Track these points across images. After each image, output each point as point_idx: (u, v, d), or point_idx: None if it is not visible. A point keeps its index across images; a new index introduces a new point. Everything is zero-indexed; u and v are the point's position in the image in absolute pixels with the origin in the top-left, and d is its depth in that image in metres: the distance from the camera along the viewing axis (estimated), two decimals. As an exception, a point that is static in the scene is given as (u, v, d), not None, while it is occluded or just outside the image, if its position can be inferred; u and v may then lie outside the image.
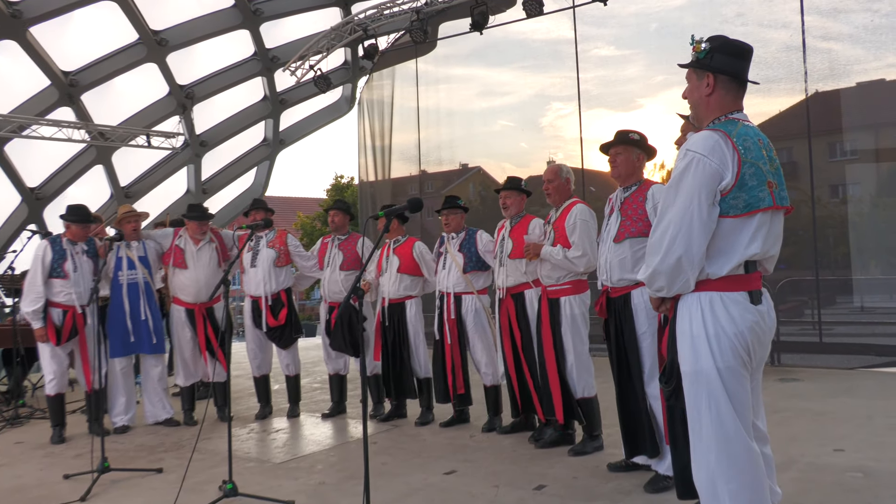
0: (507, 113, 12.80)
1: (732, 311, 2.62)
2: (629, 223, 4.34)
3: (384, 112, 12.93)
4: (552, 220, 5.17)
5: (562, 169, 5.21)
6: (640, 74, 10.83)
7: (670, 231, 2.62)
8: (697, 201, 2.58)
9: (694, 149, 2.63)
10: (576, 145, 10.62)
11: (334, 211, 6.80)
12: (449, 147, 12.51)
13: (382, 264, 6.40)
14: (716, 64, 2.75)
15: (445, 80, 12.44)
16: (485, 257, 5.93)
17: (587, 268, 4.94)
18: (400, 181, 13.23)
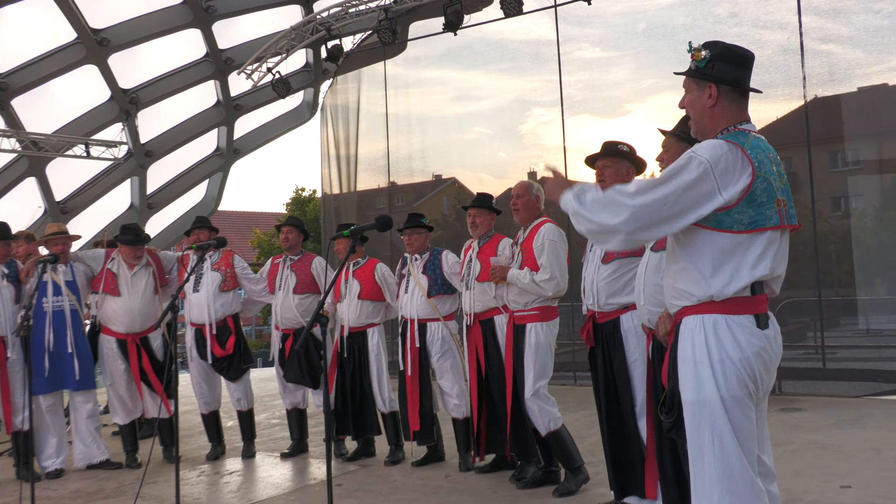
0: (483, 119, 12.85)
1: (738, 335, 2.64)
2: None
3: (349, 119, 12.94)
4: (520, 240, 5.21)
5: (532, 185, 5.27)
6: (627, 78, 10.91)
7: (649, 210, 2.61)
8: (685, 187, 2.59)
9: (699, 153, 2.65)
10: (559, 154, 10.70)
11: (287, 227, 6.78)
12: (421, 157, 12.54)
13: (341, 289, 6.40)
14: (718, 73, 2.79)
15: (416, 83, 12.48)
16: (451, 280, 5.96)
17: (556, 292, 4.99)
18: (367, 194, 13.21)
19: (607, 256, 4.36)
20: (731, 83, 2.78)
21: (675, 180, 2.61)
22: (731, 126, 2.78)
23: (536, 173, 11.88)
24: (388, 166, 12.48)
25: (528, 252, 5.07)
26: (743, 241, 2.65)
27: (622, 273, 4.33)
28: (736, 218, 2.62)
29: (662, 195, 2.61)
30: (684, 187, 2.60)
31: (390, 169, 12.49)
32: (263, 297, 6.87)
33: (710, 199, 2.61)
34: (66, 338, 6.24)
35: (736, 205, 2.61)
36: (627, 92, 10.93)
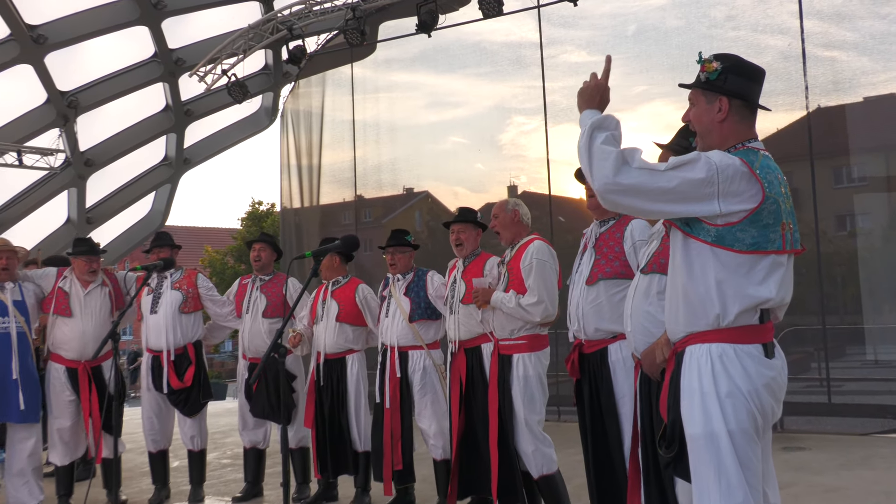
0: (460, 128, 12.91)
1: (748, 365, 2.73)
2: (604, 262, 4.39)
3: (312, 126, 12.92)
4: (506, 259, 5.23)
5: (507, 203, 5.31)
6: (615, 84, 10.93)
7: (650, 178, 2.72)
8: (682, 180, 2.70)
9: (710, 155, 2.76)
10: (541, 167, 10.76)
11: (260, 245, 6.76)
12: (390, 168, 12.56)
13: (318, 310, 6.37)
14: (730, 87, 2.89)
15: (386, 88, 12.51)
16: (436, 303, 5.96)
17: (544, 318, 4.99)
18: (331, 208, 13.19)
19: (592, 277, 4.39)
20: (742, 98, 2.88)
21: (680, 170, 2.73)
22: (740, 143, 2.87)
23: (517, 187, 11.95)
24: (354, 178, 12.47)
25: (514, 272, 5.08)
26: (744, 262, 2.74)
27: (610, 296, 4.35)
28: (738, 236, 2.72)
29: (666, 175, 2.72)
30: (687, 181, 2.70)
31: (357, 181, 12.48)
32: (230, 321, 6.83)
33: (704, 202, 2.72)
34: (10, 364, 5.98)
35: (738, 223, 2.71)
36: (616, 99, 10.80)
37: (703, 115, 2.93)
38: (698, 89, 2.95)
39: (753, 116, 2.93)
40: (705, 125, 2.93)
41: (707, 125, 2.92)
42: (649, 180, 2.71)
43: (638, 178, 2.72)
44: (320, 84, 12.82)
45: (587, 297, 4.39)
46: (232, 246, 31.78)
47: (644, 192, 2.71)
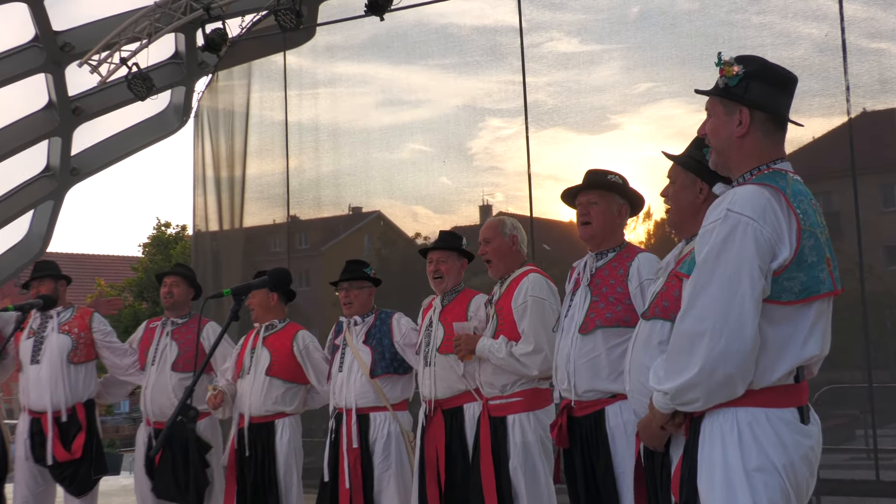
0: (420, 132, 12.88)
1: (783, 435, 2.79)
2: (603, 305, 4.41)
3: (235, 129, 12.90)
4: (495, 297, 5.26)
5: (504, 224, 5.34)
6: (614, 81, 11.01)
7: (710, 321, 2.78)
8: (749, 281, 2.76)
9: (740, 210, 2.80)
10: (521, 182, 10.76)
11: (172, 279, 6.79)
12: (333, 182, 12.55)
13: (244, 361, 6.35)
14: (752, 96, 2.96)
15: (329, 82, 12.50)
16: (404, 353, 5.97)
17: (543, 371, 4.99)
18: (257, 232, 13.14)
19: (587, 324, 4.41)
20: (768, 110, 2.94)
21: (727, 263, 2.78)
22: (764, 165, 2.94)
23: (492, 207, 11.96)
24: (287, 195, 12.42)
25: (505, 313, 5.11)
26: (791, 314, 2.82)
27: (609, 349, 4.37)
28: (785, 286, 2.79)
29: (725, 293, 2.77)
30: (748, 271, 2.76)
31: (290, 198, 12.43)
32: (132, 374, 6.82)
33: (768, 269, 2.79)
34: None
35: (785, 269, 2.78)
36: (614, 99, 10.95)
37: (720, 128, 3.01)
38: (716, 98, 3.01)
39: (781, 132, 3.00)
40: (723, 140, 3.01)
41: (725, 140, 3.00)
42: (713, 302, 2.78)
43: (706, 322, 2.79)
44: (245, 77, 12.81)
45: (581, 349, 4.42)
46: (131, 279, 31.53)
47: (729, 325, 2.76)
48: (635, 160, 10.63)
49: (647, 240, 11.33)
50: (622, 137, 11.04)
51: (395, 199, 13.10)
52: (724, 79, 2.99)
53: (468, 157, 12.33)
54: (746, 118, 2.94)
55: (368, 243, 14.12)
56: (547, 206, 10.79)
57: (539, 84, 10.71)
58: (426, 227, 12.17)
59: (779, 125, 2.98)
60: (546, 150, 10.67)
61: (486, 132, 12.09)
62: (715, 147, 3.04)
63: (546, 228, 11.33)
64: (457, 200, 12.30)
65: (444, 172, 12.50)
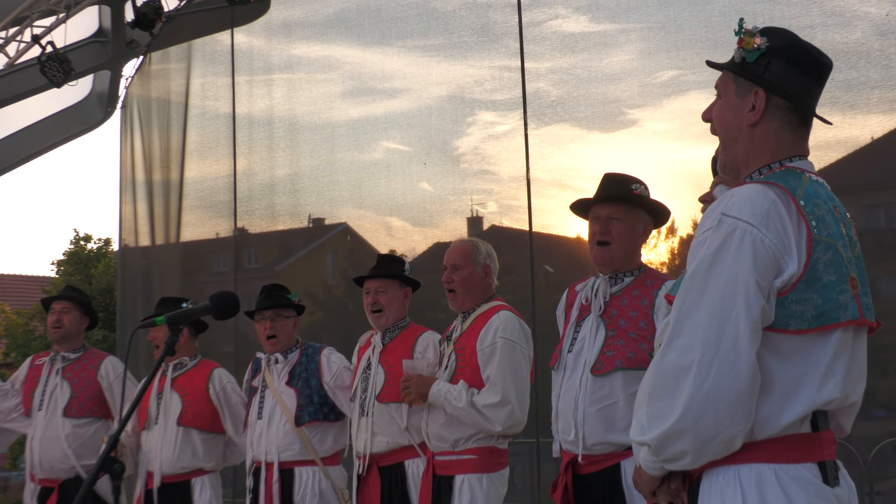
0: (396, 128, 12.85)
1: (795, 496, 2.67)
2: (623, 343, 4.43)
3: (171, 123, 12.94)
4: (455, 333, 5.31)
5: (477, 250, 5.41)
6: (631, 68, 10.99)
7: (697, 352, 2.67)
8: (745, 300, 2.66)
9: (737, 213, 2.72)
10: (519, 189, 10.71)
11: (61, 304, 6.84)
12: (289, 187, 12.58)
13: (150, 408, 6.39)
14: (771, 76, 2.89)
15: (285, 66, 12.53)
16: (335, 396, 6.05)
17: (508, 427, 5.05)
18: (198, 247, 13.21)
19: (604, 364, 4.42)
20: (789, 96, 2.88)
21: (718, 280, 2.69)
22: (777, 162, 2.88)
23: (483, 219, 11.94)
24: (234, 203, 12.45)
25: (467, 355, 5.14)
26: (802, 347, 2.72)
27: (629, 395, 4.35)
28: (794, 310, 2.70)
29: (716, 316, 2.67)
30: (743, 288, 2.66)
31: (238, 207, 12.45)
32: (14, 421, 6.82)
33: (770, 287, 2.69)
34: None
35: (793, 288, 2.70)
36: (632, 89, 10.93)
37: (728, 112, 2.96)
38: (728, 73, 2.97)
39: (804, 129, 2.94)
40: (730, 127, 2.96)
41: (732, 128, 2.95)
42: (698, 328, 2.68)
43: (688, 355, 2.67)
44: (184, 59, 12.86)
45: (593, 394, 4.44)
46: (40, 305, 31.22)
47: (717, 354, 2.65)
48: (656, 164, 10.52)
49: (669, 261, 11.29)
50: (640, 136, 11.00)
51: (365, 209, 13.08)
52: (741, 51, 2.93)
53: (454, 158, 12.28)
54: (762, 102, 2.89)
55: (332, 262, 14.09)
56: (549, 218, 10.73)
57: (540, 71, 10.72)
58: (403, 242, 12.16)
59: (801, 119, 2.92)
60: (549, 151, 10.64)
61: (476, 128, 12.08)
62: (721, 136, 2.99)
63: (548, 246, 11.21)
64: (440, 211, 12.31)
65: (425, 177, 12.48)
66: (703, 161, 4.12)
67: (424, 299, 6.46)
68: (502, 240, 11.16)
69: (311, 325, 11.64)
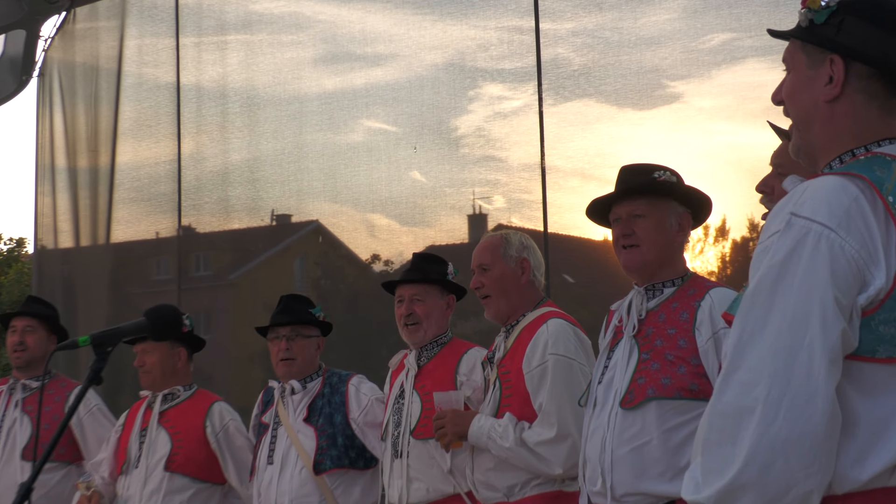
0: (380, 104, 12.84)
1: None
2: (658, 366, 4.47)
3: (100, 95, 12.94)
4: (498, 354, 5.31)
5: (508, 242, 5.44)
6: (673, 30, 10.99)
7: (762, 388, 2.63)
8: (821, 322, 2.63)
9: (809, 214, 2.70)
10: (531, 180, 10.85)
11: (24, 321, 6.89)
12: (247, 176, 12.60)
13: (129, 448, 6.45)
14: (847, 38, 2.86)
15: (242, 25, 12.56)
16: (365, 437, 6.06)
17: (571, 468, 4.99)
18: (133, 250, 13.23)
19: (635, 394, 4.45)
20: (871, 59, 2.85)
21: (787, 297, 2.65)
22: (862, 147, 2.85)
23: (488, 217, 11.88)
24: (178, 194, 12.45)
25: (513, 379, 5.15)
26: (893, 377, 2.68)
27: (665, 431, 4.42)
28: (882, 332, 2.65)
29: (785, 343, 2.62)
30: (819, 308, 2.62)
31: (183, 200, 12.46)
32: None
33: (853, 306, 2.65)
34: None
35: (880, 306, 2.66)
36: (673, 57, 10.86)
37: (800, 88, 2.96)
38: (796, 41, 2.97)
39: (895, 100, 2.89)
40: (804, 107, 2.95)
41: (807, 107, 2.94)
42: (766, 358, 2.63)
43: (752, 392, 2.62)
44: (116, 16, 12.82)
45: (622, 432, 4.47)
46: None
47: (789, 386, 2.59)
48: (704, 149, 10.62)
49: (720, 269, 11.27)
50: (684, 115, 11.00)
51: (341, 204, 13.03)
52: (807, 12, 2.92)
53: (452, 141, 12.30)
54: (840, 72, 2.85)
55: (301, 270, 14.05)
56: (569, 216, 10.71)
57: (560, 33, 10.73)
58: (388, 245, 12.26)
59: (891, 88, 2.87)
60: (569, 133, 10.66)
61: (479, 104, 12.07)
62: (794, 119, 2.98)
63: (568, 250, 11.24)
64: (435, 206, 12.30)
65: (417, 164, 12.50)
66: (761, 146, 4.15)
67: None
68: None
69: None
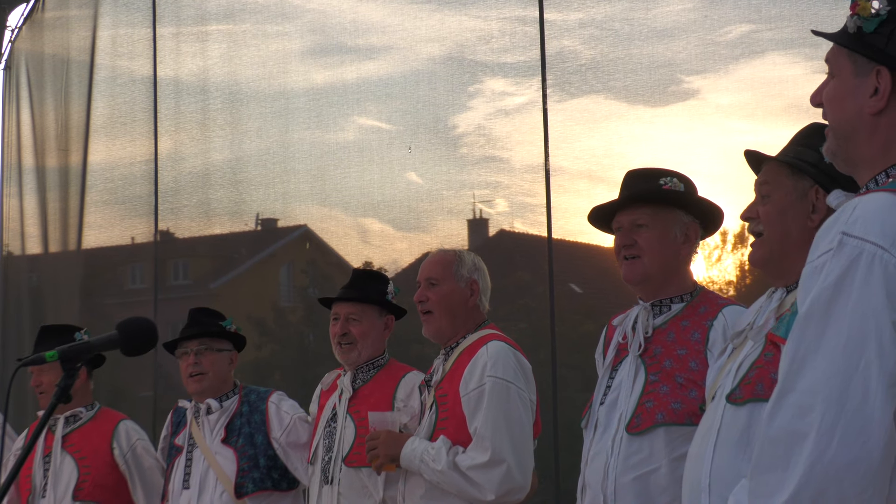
0: (373, 100, 12.97)
1: None
2: (667, 389, 4.57)
3: (71, 89, 13.00)
4: (436, 376, 5.44)
5: (460, 260, 5.56)
6: (689, 21, 11.03)
7: (816, 413, 2.68)
8: (877, 345, 2.66)
9: (861, 233, 2.73)
10: (535, 182, 10.89)
11: None
12: (230, 178, 12.66)
13: (34, 476, 6.47)
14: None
15: (225, 15, 12.63)
16: (287, 458, 6.13)
17: (504, 494, 5.17)
18: (106, 257, 13.36)
19: (642, 418, 4.50)
20: None
21: (841, 320, 2.67)
22: None
23: (489, 221, 11.90)
24: (154, 196, 12.44)
25: (450, 402, 5.26)
26: None
27: (676, 459, 4.43)
28: None
29: (840, 367, 2.65)
30: (875, 331, 2.64)
31: (160, 203, 12.43)
32: None
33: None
34: None
35: None
36: (689, 51, 10.99)
37: (844, 96, 2.99)
38: (843, 49, 2.99)
39: None
40: (847, 117, 2.98)
41: (850, 118, 2.97)
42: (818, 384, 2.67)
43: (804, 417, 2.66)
44: (89, 4, 12.88)
45: (628, 458, 4.53)
46: None
47: (844, 408, 2.62)
48: (721, 148, 10.60)
49: (738, 278, 11.35)
50: (701, 112, 11.15)
51: (331, 207, 13.21)
52: (856, 19, 2.95)
53: (451, 140, 12.45)
54: (887, 84, 2.89)
55: (287, 278, 14.17)
56: (576, 220, 10.71)
57: (567, 24, 10.77)
58: (382, 252, 12.38)
59: None
60: (576, 132, 10.69)
61: (480, 101, 12.17)
62: (834, 126, 3.01)
63: (574, 257, 11.33)
64: (432, 210, 12.41)
65: (413, 165, 12.70)
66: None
67: (410, 328, 6.41)
68: (514, 249, 11.32)
69: (257, 362, 11.73)
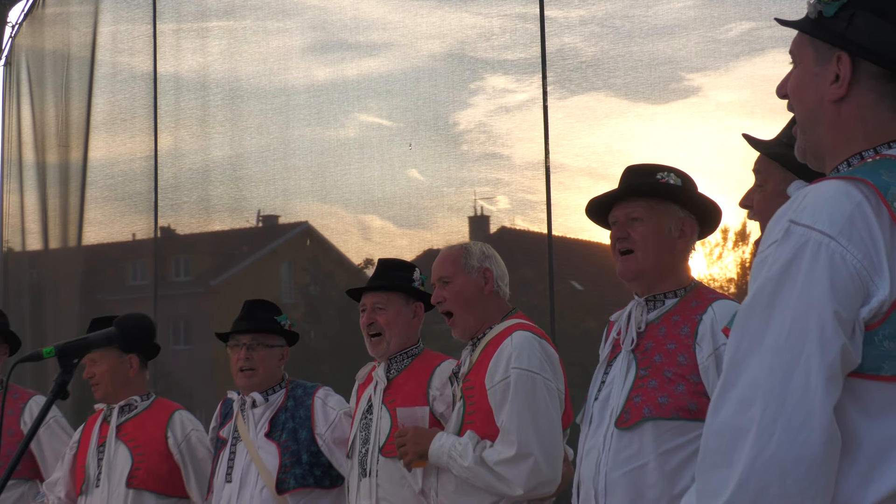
0: (374, 96, 12.93)
1: None
2: (655, 384, 4.51)
3: (71, 85, 12.95)
4: (463, 369, 5.37)
5: (468, 252, 5.50)
6: (690, 18, 10.98)
7: (757, 407, 2.61)
8: (819, 337, 2.60)
9: (808, 221, 2.68)
10: (537, 178, 10.88)
11: None
12: (230, 174, 12.62)
13: (88, 466, 6.41)
14: (857, 34, 2.85)
15: (225, 11, 12.62)
16: (331, 454, 6.05)
17: (533, 488, 5.09)
18: (106, 253, 13.30)
19: (631, 413, 4.48)
20: (881, 59, 2.84)
21: (784, 311, 2.63)
22: (871, 149, 2.84)
23: (490, 218, 11.87)
24: (154, 193, 12.44)
25: (476, 396, 5.19)
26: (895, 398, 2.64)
27: (664, 453, 4.47)
28: (886, 348, 2.62)
29: (782, 360, 2.60)
30: (817, 322, 2.60)
31: (160, 199, 12.44)
32: None
33: (855, 320, 2.61)
34: None
35: (884, 320, 2.63)
36: (690, 48, 10.93)
37: (805, 86, 2.96)
38: (805, 36, 2.96)
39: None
40: (809, 105, 2.95)
41: (812, 105, 2.94)
42: (760, 379, 2.61)
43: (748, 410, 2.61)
44: (89, 1, 12.84)
45: (617, 453, 4.50)
46: None
47: (786, 407, 2.56)
48: (723, 146, 10.53)
49: (739, 275, 11.29)
50: (702, 110, 11.10)
51: (331, 204, 13.13)
52: (816, 4, 2.92)
53: (452, 137, 12.38)
54: (847, 70, 2.85)
55: (288, 275, 14.09)
56: (577, 217, 10.52)
57: (568, 21, 10.74)
58: (383, 249, 12.25)
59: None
60: (577, 129, 10.69)
61: (481, 98, 12.14)
62: (800, 118, 2.98)
63: (575, 254, 11.28)
64: (433, 207, 12.42)
65: (413, 162, 12.62)
66: None
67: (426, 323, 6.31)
68: (515, 246, 11.20)
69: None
